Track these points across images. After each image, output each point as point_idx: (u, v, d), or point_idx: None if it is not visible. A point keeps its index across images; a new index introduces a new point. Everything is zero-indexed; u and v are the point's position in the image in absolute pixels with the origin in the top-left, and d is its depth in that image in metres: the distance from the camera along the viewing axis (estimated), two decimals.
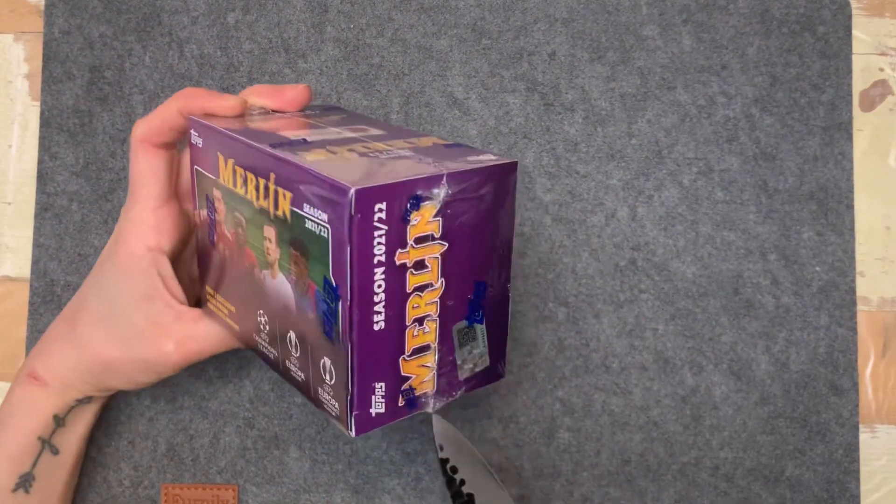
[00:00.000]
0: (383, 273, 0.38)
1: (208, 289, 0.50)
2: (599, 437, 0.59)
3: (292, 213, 0.39)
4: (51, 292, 0.60)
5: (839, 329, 0.59)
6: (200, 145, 0.47)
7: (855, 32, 0.61)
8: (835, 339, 0.59)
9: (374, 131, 0.46)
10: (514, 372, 0.59)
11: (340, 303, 0.37)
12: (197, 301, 0.55)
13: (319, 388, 0.40)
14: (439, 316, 0.41)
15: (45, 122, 0.61)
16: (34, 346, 0.56)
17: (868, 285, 0.60)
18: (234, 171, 0.43)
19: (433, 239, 0.40)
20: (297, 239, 0.39)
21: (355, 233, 0.36)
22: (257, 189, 0.41)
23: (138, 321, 0.49)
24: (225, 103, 0.48)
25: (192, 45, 0.61)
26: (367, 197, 0.36)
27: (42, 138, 0.61)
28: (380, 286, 0.38)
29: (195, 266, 0.55)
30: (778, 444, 0.58)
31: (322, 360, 0.40)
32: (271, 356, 0.44)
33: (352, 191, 0.36)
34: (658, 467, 0.58)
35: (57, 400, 0.52)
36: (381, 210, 0.37)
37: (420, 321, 0.40)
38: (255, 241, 0.43)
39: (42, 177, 0.61)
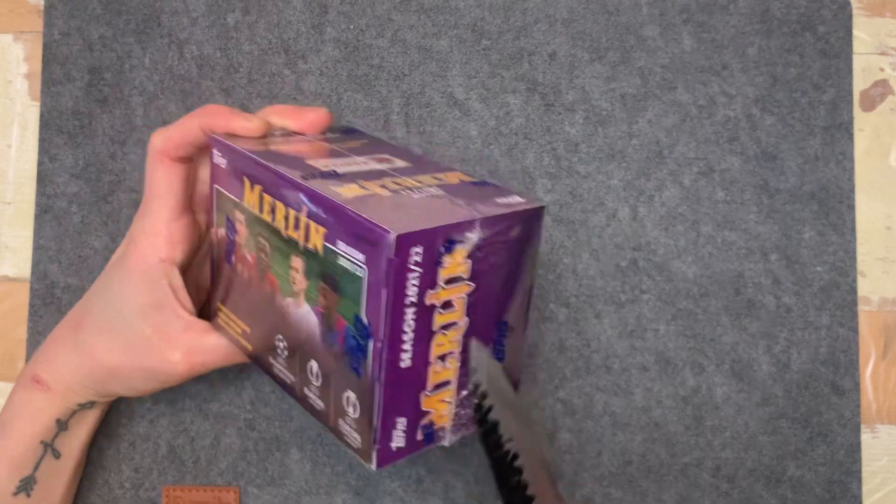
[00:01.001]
0: (414, 313, 0.38)
1: (220, 306, 0.50)
2: (601, 438, 0.59)
3: (325, 247, 0.39)
4: (51, 294, 0.60)
5: (840, 329, 0.59)
6: (224, 166, 0.46)
7: (855, 32, 0.61)
8: (836, 340, 0.59)
9: (399, 162, 0.46)
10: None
11: (371, 341, 0.38)
12: (203, 310, 0.55)
13: (340, 420, 0.40)
14: (461, 353, 0.41)
15: (45, 124, 0.61)
16: (36, 349, 0.56)
17: (868, 285, 0.60)
18: (262, 198, 0.43)
19: (462, 280, 0.40)
20: (328, 273, 0.39)
21: (392, 276, 0.37)
22: (286, 219, 0.41)
23: (145, 330, 0.49)
24: (248, 125, 0.48)
25: (192, 46, 0.61)
26: (407, 241, 0.37)
27: (42, 140, 0.61)
28: (409, 326, 0.38)
29: (202, 275, 0.55)
30: (779, 444, 0.58)
31: (346, 394, 0.40)
32: (288, 381, 0.44)
33: (392, 236, 0.36)
34: (659, 468, 0.58)
35: (59, 404, 0.52)
36: (417, 254, 0.37)
37: (443, 358, 0.41)
38: (279, 268, 0.43)
39: (42, 179, 0.61)
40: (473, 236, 0.40)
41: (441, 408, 0.42)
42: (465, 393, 0.43)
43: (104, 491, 0.59)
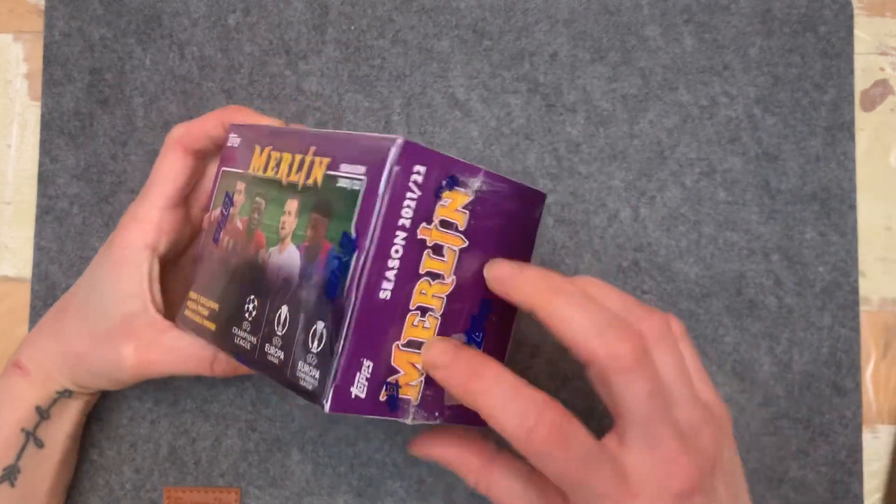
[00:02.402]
0: (403, 239, 0.38)
1: (192, 294, 0.49)
2: None
3: (325, 177, 0.40)
4: (52, 295, 0.60)
5: (842, 329, 0.59)
6: (237, 145, 0.48)
7: (856, 32, 0.61)
8: (837, 340, 0.59)
9: None
10: (517, 374, 0.59)
11: (356, 255, 0.37)
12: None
13: (300, 363, 0.39)
14: (441, 315, 0.40)
15: (46, 125, 0.61)
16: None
17: (868, 285, 0.60)
18: (269, 157, 0.44)
19: (456, 230, 0.40)
20: (322, 202, 0.40)
21: (391, 183, 0.37)
22: (290, 166, 0.42)
23: (115, 316, 0.49)
24: (268, 122, 0.50)
25: (193, 46, 0.61)
26: (412, 154, 0.37)
27: (43, 141, 0.61)
28: (396, 251, 0.38)
29: (178, 280, 0.55)
30: (781, 445, 0.58)
31: (314, 327, 0.39)
32: (248, 345, 0.43)
33: (400, 139, 0.37)
34: None
35: (39, 391, 0.52)
36: (419, 173, 0.38)
37: (423, 311, 0.40)
38: (270, 220, 0.43)
39: (43, 180, 0.61)
40: (476, 182, 0.40)
41: (411, 374, 0.40)
42: None
43: (105, 492, 0.59)
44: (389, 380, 0.39)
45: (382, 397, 0.39)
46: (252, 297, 0.43)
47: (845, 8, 0.60)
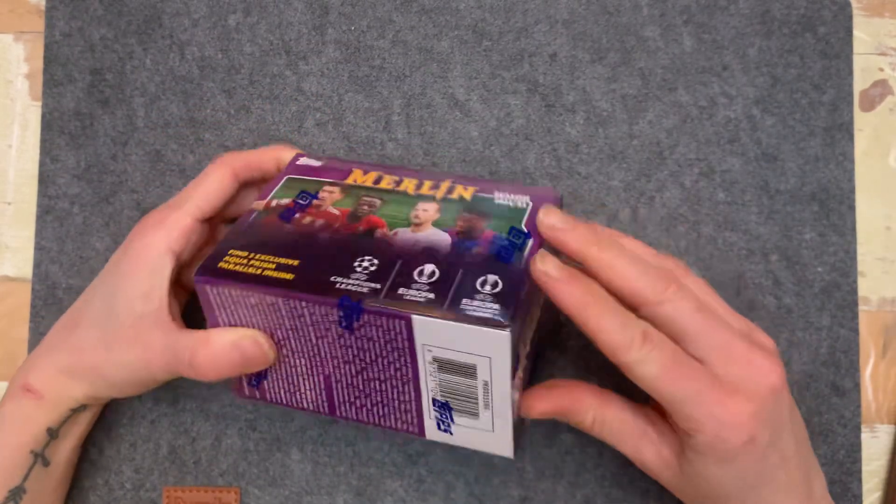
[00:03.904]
0: (539, 245, 0.47)
1: (237, 252, 0.48)
2: None
3: (475, 196, 0.50)
4: (52, 295, 0.60)
5: (841, 329, 0.59)
6: (315, 165, 0.53)
7: (855, 32, 0.61)
8: (837, 340, 0.59)
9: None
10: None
11: (531, 241, 0.46)
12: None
13: (466, 299, 0.44)
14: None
15: (47, 125, 0.61)
16: (29, 355, 0.55)
17: (868, 285, 0.60)
18: (381, 177, 0.52)
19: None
20: (476, 209, 0.49)
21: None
22: (418, 186, 0.51)
23: (126, 320, 0.49)
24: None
25: (193, 47, 0.61)
26: (556, 200, 0.50)
27: (43, 141, 0.61)
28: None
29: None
30: None
31: (484, 278, 0.45)
32: (365, 289, 0.45)
33: (557, 191, 0.52)
34: None
35: (51, 412, 0.52)
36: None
37: None
38: (393, 212, 0.49)
39: (43, 180, 0.61)
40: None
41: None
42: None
43: (104, 492, 0.59)
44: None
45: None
46: (369, 257, 0.47)
47: (844, 8, 0.60)
